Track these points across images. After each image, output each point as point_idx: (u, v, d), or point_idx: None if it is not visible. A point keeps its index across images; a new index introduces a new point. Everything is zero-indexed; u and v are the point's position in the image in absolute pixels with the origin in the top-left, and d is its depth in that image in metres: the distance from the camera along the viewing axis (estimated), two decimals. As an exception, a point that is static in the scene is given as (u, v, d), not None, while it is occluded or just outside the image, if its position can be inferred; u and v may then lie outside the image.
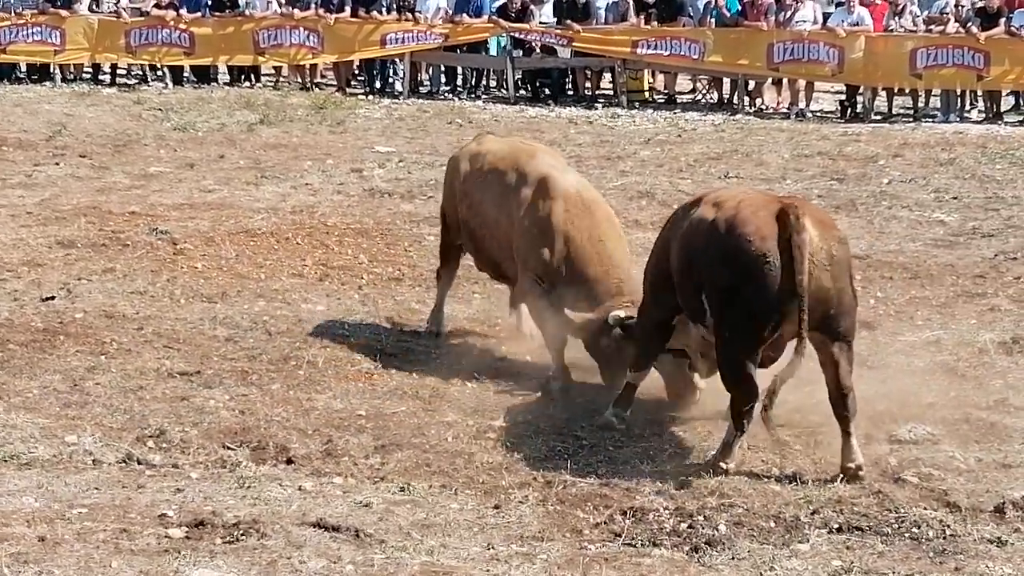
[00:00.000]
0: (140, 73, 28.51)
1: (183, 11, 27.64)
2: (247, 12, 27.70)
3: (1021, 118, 24.53)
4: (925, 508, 8.46)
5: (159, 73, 28.10)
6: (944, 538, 8.11)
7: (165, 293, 13.30)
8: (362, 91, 27.68)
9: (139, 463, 9.21)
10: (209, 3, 27.80)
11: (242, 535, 8.07)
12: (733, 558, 7.92)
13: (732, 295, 8.93)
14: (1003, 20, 24.50)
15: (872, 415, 10.07)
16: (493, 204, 11.61)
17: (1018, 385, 10.82)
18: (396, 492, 8.81)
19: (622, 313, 10.45)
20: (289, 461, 9.31)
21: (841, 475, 8.96)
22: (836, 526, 8.27)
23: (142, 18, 27.72)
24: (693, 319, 9.56)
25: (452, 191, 12.28)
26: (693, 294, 9.32)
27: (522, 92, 27.11)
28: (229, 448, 9.47)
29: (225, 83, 27.90)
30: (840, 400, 9.06)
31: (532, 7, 26.97)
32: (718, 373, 9.41)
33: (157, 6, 27.69)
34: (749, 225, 8.91)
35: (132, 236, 15.34)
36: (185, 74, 28.13)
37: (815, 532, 8.20)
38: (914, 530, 8.19)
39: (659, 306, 9.89)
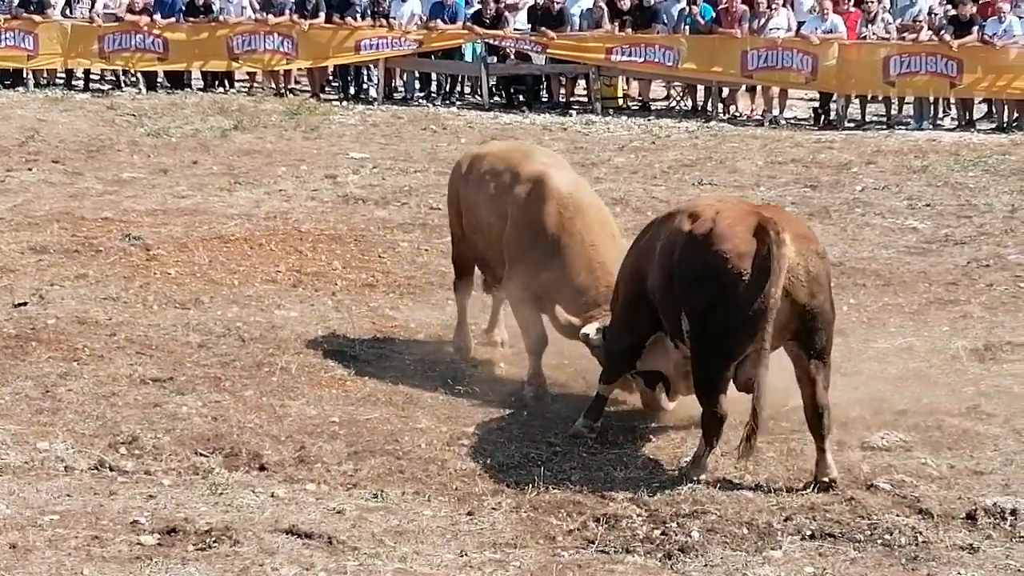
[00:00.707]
0: (113, 79, 28.39)
1: (157, 17, 27.56)
2: (221, 18, 27.64)
3: (994, 126, 24.60)
4: (897, 515, 8.48)
5: (132, 79, 28.01)
6: (916, 545, 8.13)
7: (138, 299, 13.26)
8: (336, 97, 27.65)
9: (111, 470, 9.19)
10: (183, 9, 27.74)
11: (214, 542, 8.06)
12: (706, 565, 7.93)
13: (709, 313, 8.87)
14: (976, 28, 24.58)
15: (845, 422, 10.11)
16: (487, 204, 11.47)
17: (990, 392, 10.85)
18: (369, 499, 8.81)
19: (593, 331, 10.36)
20: (262, 468, 9.30)
21: (815, 487, 8.96)
22: (809, 533, 8.28)
23: (116, 23, 27.62)
24: (673, 336, 9.49)
25: (453, 196, 12.18)
26: (674, 311, 9.25)
27: (496, 99, 27.12)
28: (202, 455, 9.45)
29: (199, 89, 27.83)
30: (816, 418, 9.05)
31: (507, 14, 26.96)
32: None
33: (131, 11, 27.62)
34: (727, 242, 8.84)
35: (105, 242, 15.31)
36: (159, 80, 28.04)
37: (788, 539, 8.22)
38: (886, 537, 8.21)
39: (632, 324, 9.83)
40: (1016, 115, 24.62)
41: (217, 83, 28.13)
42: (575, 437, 9.94)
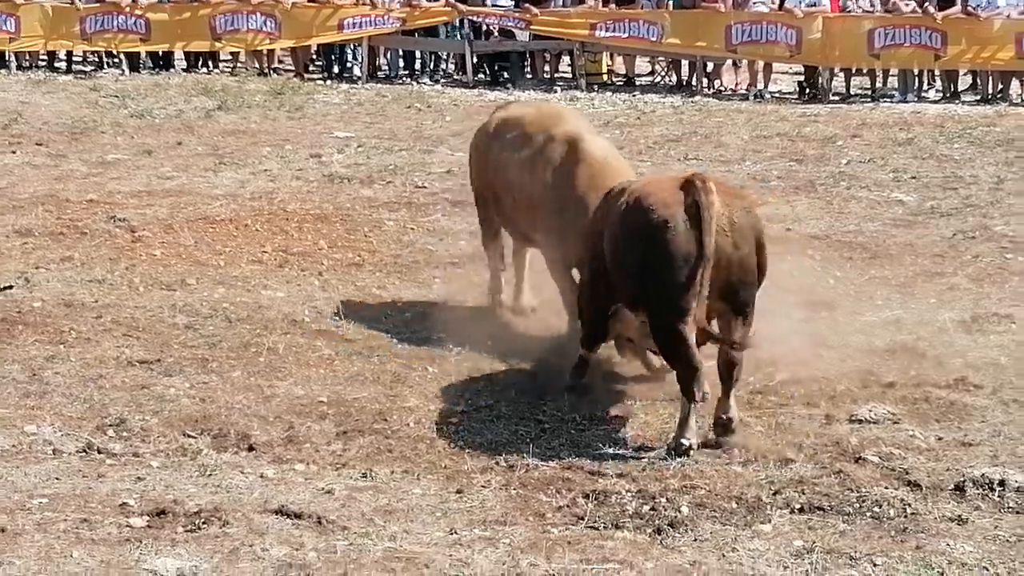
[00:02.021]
0: (96, 60, 28.30)
1: (139, -3, 27.49)
2: (203, -3, 27.58)
3: (978, 97, 24.63)
4: (886, 487, 8.49)
5: (115, 60, 27.93)
6: (905, 517, 8.14)
7: (124, 281, 13.23)
8: (320, 76, 27.60)
9: (99, 452, 9.17)
10: (165, -11, 27.68)
11: (204, 523, 8.05)
12: (695, 540, 7.93)
13: (647, 267, 9.07)
14: (959, 0, 24.58)
15: (833, 395, 10.15)
16: (519, 167, 11.57)
17: (977, 363, 10.87)
18: (358, 478, 8.80)
19: None
20: (250, 448, 9.28)
21: (713, 425, 9.23)
22: (798, 506, 8.29)
23: (97, 5, 27.51)
24: (631, 304, 9.58)
25: (479, 160, 12.32)
26: (621, 277, 9.44)
27: (481, 76, 27.07)
28: (190, 436, 9.44)
29: (182, 69, 27.75)
30: (727, 371, 9.25)
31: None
32: None
33: (113, -8, 27.55)
34: (653, 197, 9.15)
35: (90, 224, 15.27)
36: (141, 61, 27.95)
37: (777, 512, 8.22)
38: (875, 509, 8.22)
39: (593, 295, 10.00)
40: (1000, 86, 24.65)
41: (200, 63, 28.06)
42: (568, 390, 10.19)
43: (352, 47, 27.69)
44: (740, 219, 9.11)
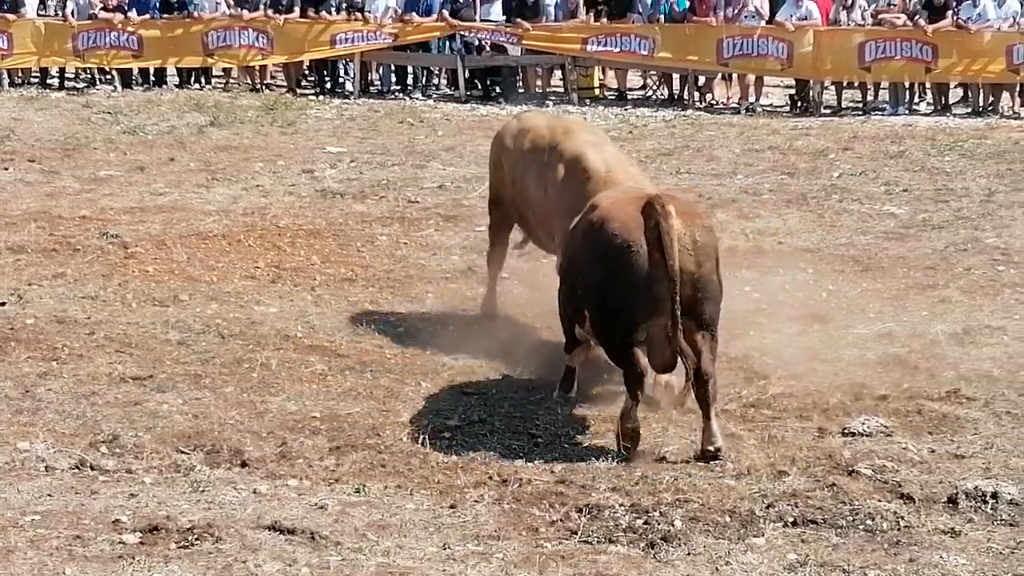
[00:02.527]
0: (88, 76, 28.34)
1: (131, 14, 27.48)
2: (196, 14, 27.57)
3: (969, 110, 24.67)
4: (879, 500, 8.50)
5: (108, 76, 27.95)
6: (898, 529, 8.15)
7: (116, 297, 13.22)
8: (312, 91, 27.61)
9: (92, 469, 9.16)
10: (157, 5, 27.66)
11: (197, 539, 8.04)
12: (689, 553, 7.93)
13: (608, 288, 9.34)
14: (950, 13, 24.65)
15: (826, 408, 10.16)
16: (532, 181, 11.80)
17: (970, 376, 10.88)
18: (351, 493, 8.79)
19: None
20: (243, 464, 9.28)
21: (700, 456, 9.26)
22: (791, 519, 8.29)
23: (90, 21, 27.53)
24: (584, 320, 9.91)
25: (498, 168, 12.52)
26: (586, 296, 9.71)
27: (473, 91, 27.10)
28: (183, 452, 9.43)
29: (174, 85, 27.76)
30: (701, 387, 9.31)
31: (480, 5, 26.98)
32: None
33: (105, 9, 27.54)
34: (615, 220, 9.39)
35: (83, 240, 15.26)
36: (134, 77, 27.96)
37: (770, 526, 8.22)
38: (868, 522, 8.22)
39: (568, 300, 10.17)
40: (991, 99, 24.69)
41: (193, 79, 28.06)
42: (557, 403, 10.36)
43: (344, 62, 27.71)
44: (702, 237, 9.34)
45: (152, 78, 27.94)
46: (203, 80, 28.05)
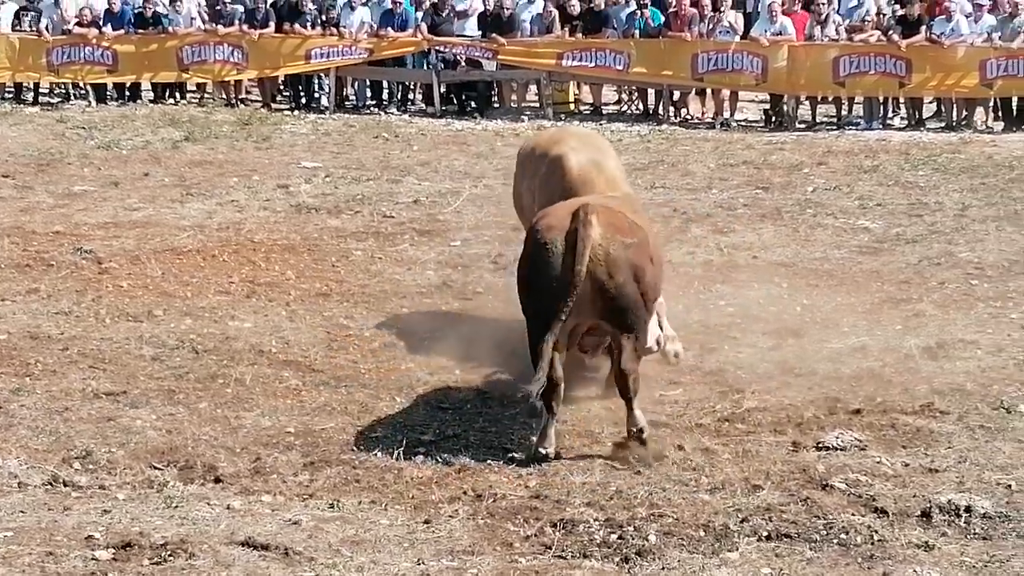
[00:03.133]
0: (63, 91, 28.26)
1: (106, 29, 27.44)
2: (170, 29, 27.51)
3: (943, 125, 24.73)
4: (853, 514, 8.51)
5: (82, 91, 27.89)
6: (872, 543, 8.16)
7: (90, 313, 13.19)
8: (287, 106, 27.58)
9: (65, 485, 9.13)
10: (132, 20, 27.62)
11: (170, 555, 8.02)
12: (663, 568, 7.93)
13: (526, 283, 9.84)
14: (924, 28, 24.71)
15: (800, 422, 10.17)
16: (527, 188, 12.10)
17: (943, 390, 10.90)
18: (325, 509, 8.78)
19: None
20: (217, 480, 9.26)
21: (626, 439, 9.62)
22: (765, 534, 8.30)
23: (64, 36, 27.48)
24: None
25: (518, 176, 12.64)
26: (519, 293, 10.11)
27: (448, 106, 27.10)
28: (156, 468, 9.41)
29: (149, 100, 27.70)
30: (622, 380, 9.67)
31: (455, 20, 27.00)
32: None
33: (80, 24, 27.48)
34: (543, 222, 9.90)
35: (56, 256, 15.23)
36: (108, 92, 27.91)
37: (744, 540, 8.23)
38: (842, 536, 8.24)
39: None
40: (965, 113, 24.77)
41: (167, 94, 28.00)
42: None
43: (319, 77, 27.70)
44: (616, 251, 9.64)
45: (127, 93, 27.87)
46: (178, 95, 28.00)
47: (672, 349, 11.71)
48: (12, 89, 28.15)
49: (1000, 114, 24.92)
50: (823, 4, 25.27)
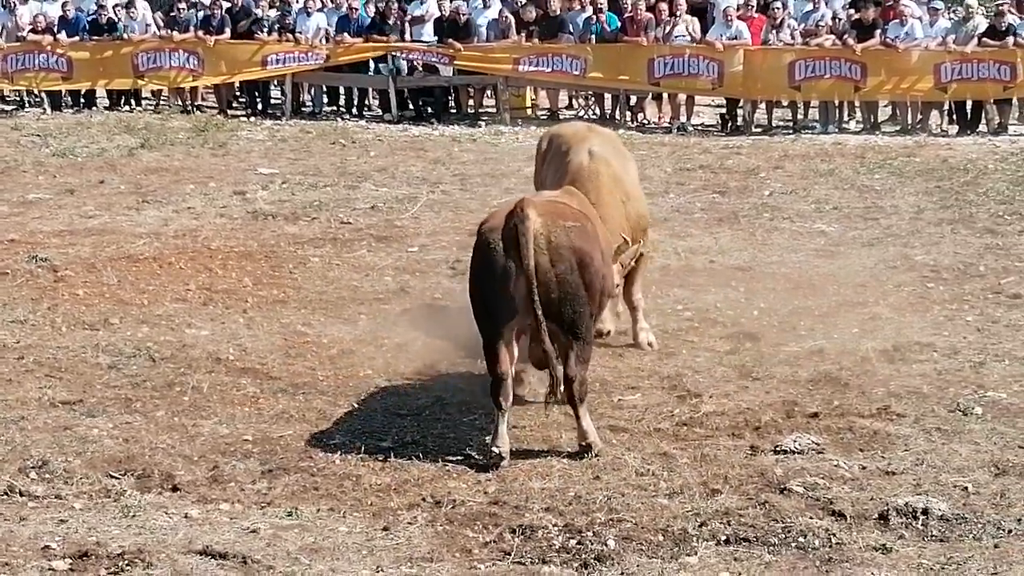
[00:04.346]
0: (17, 99, 28.12)
1: (61, 35, 27.32)
2: (125, 35, 27.42)
3: (898, 128, 24.86)
4: (811, 517, 8.53)
5: (37, 99, 27.75)
6: (830, 546, 8.18)
7: (46, 321, 13.12)
8: (244, 113, 27.52)
9: (21, 495, 9.06)
10: (87, 27, 27.51)
11: (127, 565, 7.97)
12: (622, 573, 7.94)
13: (472, 282, 9.87)
14: (878, 32, 24.84)
15: (758, 426, 10.19)
16: (543, 178, 12.46)
17: (900, 393, 10.95)
18: (284, 517, 8.75)
19: None
20: (175, 488, 9.21)
21: (576, 453, 9.61)
22: (724, 538, 8.31)
23: (18, 43, 27.36)
24: None
25: (538, 164, 13.01)
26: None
27: (405, 111, 27.08)
28: (113, 477, 9.36)
29: (104, 107, 27.60)
30: (567, 388, 9.59)
31: (412, 26, 27.00)
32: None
33: (34, 31, 27.36)
34: (485, 225, 9.87)
35: (11, 264, 15.15)
36: (63, 99, 27.78)
37: (703, 544, 8.24)
38: (800, 539, 8.25)
39: None
40: (920, 117, 24.90)
41: (123, 101, 27.91)
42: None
43: (276, 83, 27.65)
44: (558, 238, 9.56)
45: (82, 100, 27.78)
46: (133, 102, 27.92)
47: (645, 339, 12.29)
48: (-34, 97, 28.03)
49: (955, 117, 25.09)
50: (779, 9, 25.38)
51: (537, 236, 9.45)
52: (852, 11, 25.80)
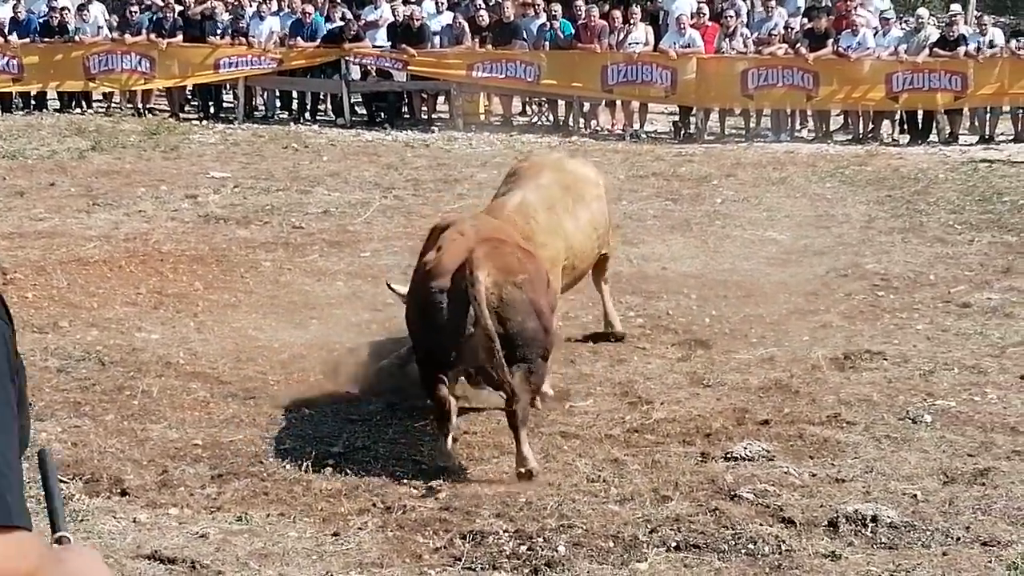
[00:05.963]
0: (-33, 100, 27.99)
1: (12, 37, 27.18)
2: (77, 38, 27.31)
3: (850, 137, 24.99)
4: (761, 524, 8.53)
5: (-13, 100, 27.63)
6: (780, 553, 8.19)
7: (-6, 324, 13.00)
8: (196, 116, 27.42)
9: (-32, 499, 8.98)
10: (38, 29, 27.37)
11: (75, 570, 7.90)
12: (573, 579, 7.93)
13: (416, 329, 9.93)
14: (831, 41, 24.98)
15: (709, 433, 10.19)
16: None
17: (850, 400, 10.98)
18: (233, 522, 8.70)
19: (399, 287, 11.13)
20: (123, 493, 9.15)
21: (517, 479, 9.43)
22: (674, 544, 8.30)
23: (-31, 45, 27.24)
24: None
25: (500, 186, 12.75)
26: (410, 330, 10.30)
27: (358, 116, 27.05)
28: (61, 481, 9.27)
29: (55, 110, 27.46)
30: (510, 414, 9.50)
31: (365, 31, 26.96)
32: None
33: (-16, 32, 27.24)
34: (429, 271, 9.79)
35: (-40, 267, 15.04)
36: (14, 101, 27.63)
37: (653, 551, 8.23)
38: (750, 546, 8.26)
39: None
40: (871, 126, 25.05)
41: (74, 104, 27.79)
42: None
43: (228, 87, 27.57)
44: (509, 294, 9.56)
45: (32, 102, 27.64)
46: (84, 104, 27.81)
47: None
48: (-85, 98, 27.84)
49: (906, 127, 25.25)
50: (732, 17, 25.49)
51: (489, 297, 9.42)
52: (805, 20, 25.93)
